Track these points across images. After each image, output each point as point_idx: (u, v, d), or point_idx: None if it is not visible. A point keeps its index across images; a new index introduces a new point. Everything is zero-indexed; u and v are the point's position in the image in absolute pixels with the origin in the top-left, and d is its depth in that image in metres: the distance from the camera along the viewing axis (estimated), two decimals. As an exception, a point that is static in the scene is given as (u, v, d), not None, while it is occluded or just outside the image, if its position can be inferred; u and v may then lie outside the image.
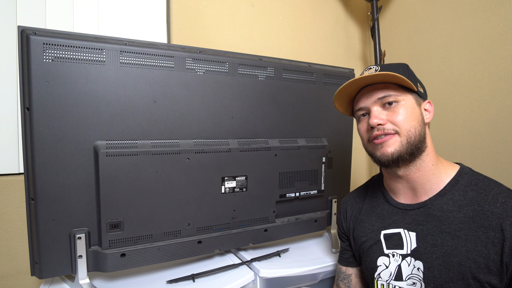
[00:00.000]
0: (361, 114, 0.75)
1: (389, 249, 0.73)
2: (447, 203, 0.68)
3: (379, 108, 0.70)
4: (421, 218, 0.70)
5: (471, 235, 0.63)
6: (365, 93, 0.73)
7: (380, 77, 0.69)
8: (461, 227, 0.64)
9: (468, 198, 0.66)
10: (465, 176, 0.70)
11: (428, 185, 0.71)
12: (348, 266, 0.87)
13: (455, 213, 0.66)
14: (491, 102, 1.21)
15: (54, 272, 0.73)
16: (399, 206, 0.75)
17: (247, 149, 0.91)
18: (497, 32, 1.17)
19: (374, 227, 0.78)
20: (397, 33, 1.59)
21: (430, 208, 0.69)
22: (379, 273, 0.74)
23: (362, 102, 0.74)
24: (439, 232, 0.66)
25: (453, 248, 0.63)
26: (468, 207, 0.65)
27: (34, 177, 0.68)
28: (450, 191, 0.69)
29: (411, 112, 0.69)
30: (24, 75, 0.67)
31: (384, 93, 0.70)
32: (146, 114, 0.78)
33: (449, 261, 0.63)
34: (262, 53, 1.43)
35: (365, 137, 0.74)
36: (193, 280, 0.85)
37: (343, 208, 0.90)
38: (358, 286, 0.86)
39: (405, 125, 0.68)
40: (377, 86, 0.71)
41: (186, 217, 0.84)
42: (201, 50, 0.85)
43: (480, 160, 1.25)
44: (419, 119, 0.70)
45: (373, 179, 0.89)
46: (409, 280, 0.69)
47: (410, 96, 0.71)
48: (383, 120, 0.69)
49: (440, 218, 0.67)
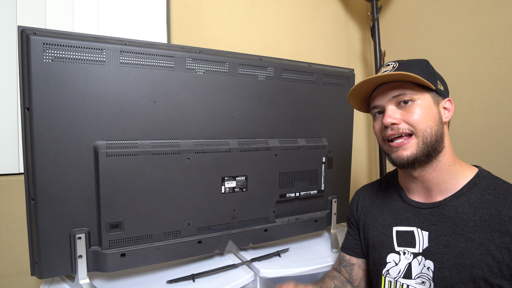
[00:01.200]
0: (376, 112, 0.74)
1: (400, 247, 0.73)
2: (463, 205, 0.66)
3: (393, 107, 0.69)
4: (435, 218, 0.69)
5: (485, 238, 0.61)
6: (381, 91, 0.72)
7: (393, 77, 0.67)
8: (476, 230, 0.63)
9: (485, 202, 0.65)
10: (483, 179, 0.68)
11: (443, 186, 0.70)
12: (352, 255, 0.87)
13: (471, 215, 0.65)
14: (491, 102, 1.21)
15: (54, 272, 0.73)
16: (413, 204, 0.74)
17: (247, 149, 0.91)
18: (497, 32, 1.17)
19: (385, 223, 0.78)
20: (397, 33, 1.59)
21: (445, 208, 0.68)
22: (388, 269, 0.74)
23: (377, 100, 0.72)
24: (452, 233, 0.66)
25: (466, 250, 0.63)
26: (485, 211, 0.64)
27: (34, 177, 0.68)
28: (466, 193, 0.67)
29: (427, 112, 0.67)
30: (24, 75, 0.67)
31: (399, 91, 0.68)
32: (146, 114, 0.78)
33: (461, 263, 0.62)
34: (262, 53, 1.42)
35: (379, 136, 0.73)
36: (193, 280, 0.85)
37: (356, 199, 0.90)
38: (358, 276, 0.85)
39: (420, 125, 0.66)
40: (393, 84, 0.70)
41: (186, 217, 0.84)
42: (201, 50, 0.85)
43: (479, 160, 1.25)
44: (436, 118, 0.68)
45: (388, 175, 0.88)
46: (418, 279, 0.69)
47: (428, 94, 0.68)
48: (397, 120, 0.67)
49: (454, 220, 0.66)
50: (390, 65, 0.72)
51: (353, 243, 0.87)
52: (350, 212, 0.91)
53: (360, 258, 0.86)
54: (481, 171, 0.70)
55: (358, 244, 0.87)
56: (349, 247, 0.88)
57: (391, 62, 0.73)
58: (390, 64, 0.72)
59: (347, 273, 0.86)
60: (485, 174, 0.69)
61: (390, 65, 0.71)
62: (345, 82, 1.11)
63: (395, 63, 0.71)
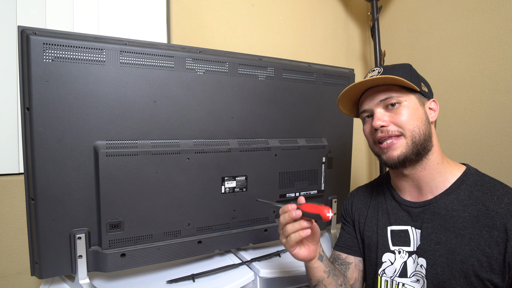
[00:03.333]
0: (366, 116, 0.76)
1: (395, 246, 0.74)
2: (452, 202, 0.69)
3: (382, 110, 0.71)
4: (426, 216, 0.71)
5: (475, 234, 0.64)
6: (369, 95, 0.74)
7: (379, 81, 0.70)
8: (466, 226, 0.65)
9: (474, 198, 0.67)
10: (471, 176, 0.70)
11: (433, 184, 0.72)
12: (350, 254, 0.86)
13: (460, 212, 0.67)
14: (491, 102, 1.21)
15: (54, 272, 0.73)
16: (405, 203, 0.76)
17: (247, 149, 0.91)
18: (497, 32, 1.17)
19: (380, 223, 0.79)
20: (397, 33, 1.59)
21: (435, 206, 0.70)
22: (384, 269, 0.75)
23: (365, 104, 0.75)
24: (443, 230, 0.67)
25: (456, 246, 0.65)
26: (473, 207, 0.66)
27: (34, 177, 0.68)
28: (455, 190, 0.70)
29: (414, 112, 0.70)
30: (24, 75, 0.67)
31: (385, 95, 0.71)
32: (146, 114, 0.78)
33: (452, 259, 0.64)
34: (262, 53, 1.42)
35: (370, 139, 0.76)
36: (193, 280, 0.85)
37: (350, 200, 0.91)
38: (354, 276, 0.84)
39: (408, 125, 0.68)
40: (379, 88, 0.72)
41: (186, 217, 0.84)
42: (201, 50, 0.85)
43: (479, 160, 1.25)
44: (423, 118, 0.70)
45: (381, 177, 0.89)
46: (413, 277, 0.70)
47: (413, 96, 0.71)
48: (386, 122, 0.70)
49: (444, 217, 0.68)
50: (376, 70, 0.74)
51: (351, 241, 0.87)
52: (345, 211, 0.92)
53: (357, 257, 0.86)
54: (469, 169, 0.72)
55: (355, 242, 0.86)
56: (346, 245, 0.87)
57: (376, 68, 0.75)
58: (375, 69, 0.74)
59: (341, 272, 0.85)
60: (473, 172, 0.71)
61: (376, 70, 0.74)
62: (345, 82, 1.11)
63: (379, 68, 0.74)
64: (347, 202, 0.93)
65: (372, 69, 0.76)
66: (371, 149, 0.78)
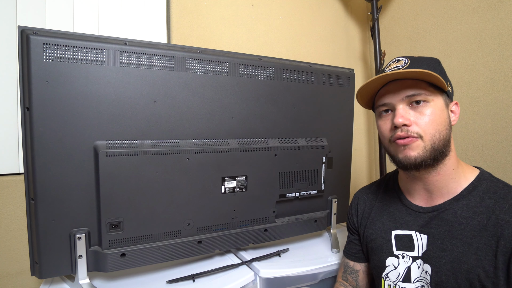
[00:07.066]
0: (384, 110, 0.69)
1: (399, 250, 0.72)
2: (462, 209, 0.65)
3: (405, 107, 0.65)
4: (434, 222, 0.68)
5: (482, 243, 0.61)
6: (392, 88, 0.67)
7: (414, 74, 0.62)
8: (474, 235, 0.62)
9: (485, 206, 0.63)
10: (484, 182, 0.66)
11: (445, 189, 0.68)
12: (356, 261, 0.86)
13: (469, 219, 0.64)
14: (491, 102, 1.21)
15: (54, 272, 0.73)
16: (413, 207, 0.73)
17: (247, 149, 0.91)
18: (497, 32, 1.17)
19: (384, 226, 0.76)
20: (397, 33, 1.59)
21: (444, 212, 0.67)
22: (387, 273, 0.74)
23: (387, 97, 0.67)
24: (449, 237, 0.65)
25: (462, 255, 0.62)
26: (483, 215, 0.62)
27: (34, 177, 0.68)
28: (466, 196, 0.66)
29: (439, 115, 0.64)
30: (24, 75, 0.67)
31: (414, 91, 0.64)
32: (146, 114, 0.78)
33: (458, 268, 0.62)
34: (262, 53, 1.43)
35: (386, 136, 0.69)
36: (193, 280, 0.85)
37: (355, 203, 0.88)
38: (364, 281, 0.85)
39: (430, 129, 0.63)
40: (406, 82, 0.65)
41: (186, 217, 0.84)
42: (201, 50, 0.85)
43: (480, 160, 1.25)
44: (446, 122, 0.65)
45: (388, 176, 0.86)
46: (417, 282, 0.68)
47: (440, 97, 0.66)
48: (409, 121, 0.64)
49: (452, 224, 0.65)
50: (402, 60, 0.66)
51: (355, 248, 0.87)
52: (350, 218, 0.90)
53: (363, 263, 0.86)
54: (482, 173, 0.68)
55: (359, 249, 0.86)
56: (351, 252, 0.88)
57: (401, 57, 0.68)
58: (401, 59, 0.67)
59: (354, 281, 0.85)
60: (486, 176, 0.68)
61: (402, 61, 0.66)
62: (345, 82, 1.11)
63: (406, 59, 0.67)
64: (350, 207, 0.90)
65: (396, 58, 0.69)
66: (385, 148, 0.72)
